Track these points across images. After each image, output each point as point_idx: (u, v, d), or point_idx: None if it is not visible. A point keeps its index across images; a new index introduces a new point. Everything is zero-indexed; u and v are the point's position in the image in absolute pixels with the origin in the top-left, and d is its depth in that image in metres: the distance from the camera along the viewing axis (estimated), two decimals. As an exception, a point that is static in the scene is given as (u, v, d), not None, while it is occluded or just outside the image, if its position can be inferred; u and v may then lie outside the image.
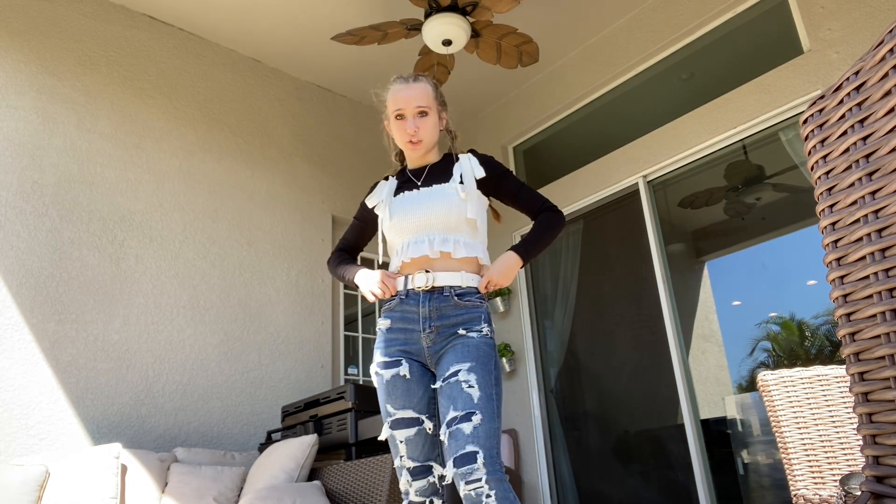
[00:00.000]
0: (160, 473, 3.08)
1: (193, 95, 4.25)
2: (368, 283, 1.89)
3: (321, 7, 4.18)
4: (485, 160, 1.96)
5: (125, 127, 3.87)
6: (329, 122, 5.00)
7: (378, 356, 1.84)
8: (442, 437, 1.67)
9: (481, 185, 1.93)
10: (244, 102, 4.51)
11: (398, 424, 1.77)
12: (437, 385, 1.74)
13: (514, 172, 2.06)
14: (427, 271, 1.81)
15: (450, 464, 1.61)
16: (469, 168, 1.92)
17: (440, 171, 1.94)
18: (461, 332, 1.76)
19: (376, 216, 2.02)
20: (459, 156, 1.97)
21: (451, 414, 1.65)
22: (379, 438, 1.85)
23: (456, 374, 1.69)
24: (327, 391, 3.48)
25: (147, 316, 3.64)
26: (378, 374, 1.82)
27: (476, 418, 1.62)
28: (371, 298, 1.88)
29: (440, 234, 1.83)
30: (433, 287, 1.80)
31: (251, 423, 3.88)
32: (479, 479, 1.55)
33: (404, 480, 1.77)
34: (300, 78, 4.91)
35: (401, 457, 1.77)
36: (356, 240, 2.16)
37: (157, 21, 4.23)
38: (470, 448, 1.58)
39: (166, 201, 3.91)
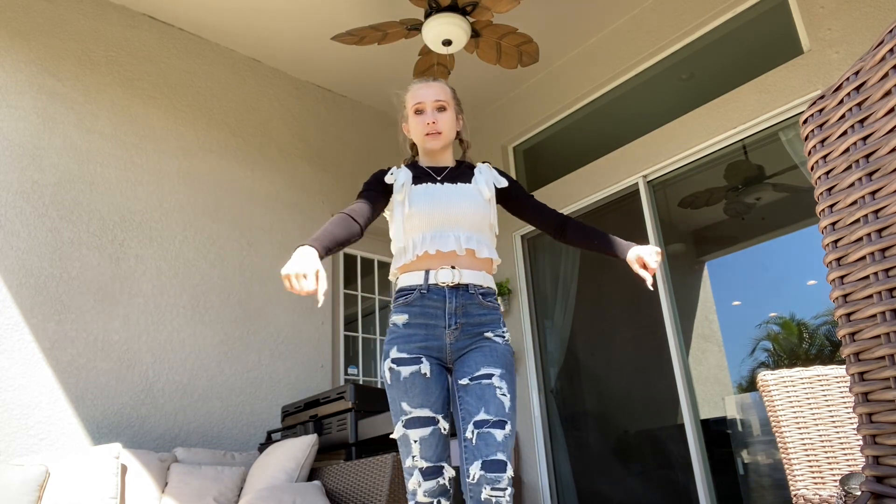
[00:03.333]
0: (160, 473, 3.08)
1: (193, 95, 4.25)
2: (294, 266, 1.63)
3: (321, 7, 4.18)
4: (502, 172, 2.01)
5: (125, 127, 3.87)
6: (329, 122, 5.00)
7: (394, 352, 1.76)
8: (468, 435, 1.69)
9: (498, 194, 1.97)
10: (244, 102, 4.51)
11: (413, 423, 1.72)
12: (464, 382, 1.74)
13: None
14: (453, 267, 1.79)
15: (477, 464, 1.63)
16: (490, 177, 1.96)
17: (460, 174, 1.96)
18: (488, 334, 1.79)
19: (388, 196, 1.92)
20: (478, 164, 2.01)
21: (483, 416, 1.68)
22: (392, 437, 1.78)
23: (489, 377, 1.72)
24: (327, 391, 3.48)
25: (147, 316, 3.64)
26: (394, 371, 1.75)
27: (507, 428, 1.68)
28: (286, 283, 1.61)
29: (465, 232, 1.83)
30: (458, 284, 1.79)
31: (251, 423, 3.88)
32: (505, 490, 1.61)
33: (414, 481, 1.71)
34: (300, 78, 4.91)
35: (413, 457, 1.72)
36: (369, 208, 1.86)
37: (157, 21, 4.23)
38: (501, 456, 1.64)
39: (166, 201, 3.91)
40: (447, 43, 3.62)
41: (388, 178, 1.92)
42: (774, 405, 1.99)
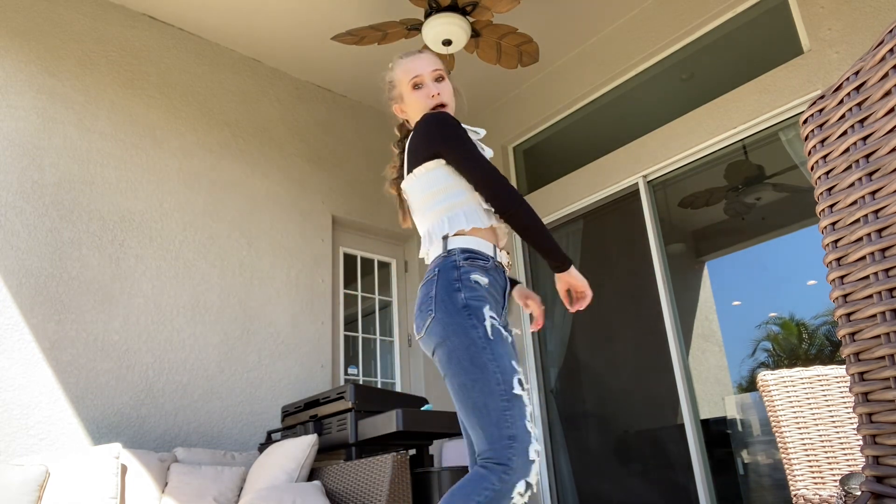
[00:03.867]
0: (160, 473, 3.08)
1: (193, 95, 4.25)
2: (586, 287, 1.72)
3: (321, 7, 4.18)
4: None
5: (125, 127, 3.87)
6: (329, 122, 5.00)
7: (488, 310, 1.55)
8: None
9: None
10: (244, 102, 4.51)
11: (523, 385, 1.53)
12: None
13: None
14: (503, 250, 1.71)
15: None
16: None
17: None
18: (513, 329, 1.74)
19: None
20: None
21: None
22: (515, 391, 1.49)
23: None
24: (327, 391, 3.48)
25: (147, 316, 3.64)
26: (496, 328, 1.54)
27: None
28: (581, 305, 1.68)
29: None
30: (505, 269, 1.71)
31: (251, 423, 3.88)
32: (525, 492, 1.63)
33: (533, 450, 1.46)
34: (300, 78, 4.91)
35: (529, 421, 1.49)
36: None
37: (157, 21, 4.23)
38: None
39: (166, 201, 3.91)
40: (447, 43, 3.62)
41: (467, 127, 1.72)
42: (774, 405, 1.99)
